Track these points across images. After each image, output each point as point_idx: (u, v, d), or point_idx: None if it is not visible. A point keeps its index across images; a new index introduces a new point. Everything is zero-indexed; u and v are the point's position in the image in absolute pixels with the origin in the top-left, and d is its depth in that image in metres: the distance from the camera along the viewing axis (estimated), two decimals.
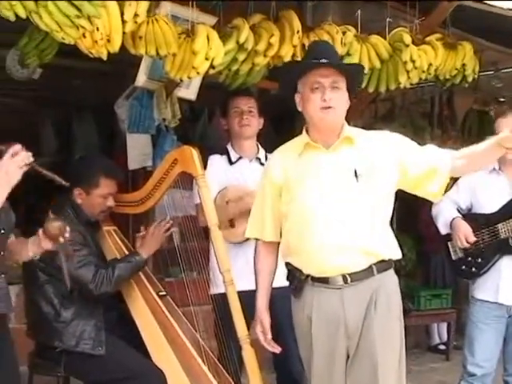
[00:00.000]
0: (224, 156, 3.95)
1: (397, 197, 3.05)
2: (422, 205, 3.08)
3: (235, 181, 3.87)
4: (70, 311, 3.48)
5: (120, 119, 5.11)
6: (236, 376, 3.62)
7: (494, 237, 3.91)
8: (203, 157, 3.59)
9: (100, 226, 3.80)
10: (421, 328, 6.92)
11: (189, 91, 4.80)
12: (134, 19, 3.42)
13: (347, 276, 2.91)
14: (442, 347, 6.81)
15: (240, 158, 3.93)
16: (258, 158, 3.96)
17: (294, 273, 3.02)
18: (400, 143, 3.04)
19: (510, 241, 3.90)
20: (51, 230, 2.90)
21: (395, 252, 3.02)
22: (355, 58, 4.33)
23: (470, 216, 3.98)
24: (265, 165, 3.71)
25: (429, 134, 7.39)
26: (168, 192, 3.65)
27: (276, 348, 3.12)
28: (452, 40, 4.79)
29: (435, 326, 6.94)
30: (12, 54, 4.65)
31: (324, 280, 2.94)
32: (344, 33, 4.34)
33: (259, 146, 4.01)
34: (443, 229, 4.05)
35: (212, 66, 3.75)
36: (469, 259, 3.99)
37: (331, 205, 2.90)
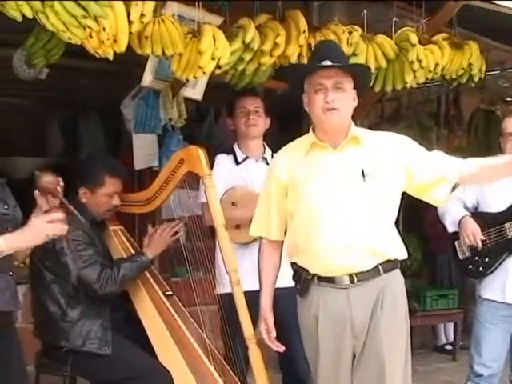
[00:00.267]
0: (230, 156, 3.95)
1: (402, 197, 3.05)
2: (428, 205, 3.07)
3: (241, 181, 3.87)
4: (77, 311, 3.48)
5: (126, 119, 5.12)
6: (242, 376, 3.62)
7: (502, 236, 3.90)
8: (209, 157, 3.59)
9: (106, 226, 3.80)
10: (427, 328, 6.91)
11: (195, 91, 4.80)
12: (141, 19, 3.42)
13: (354, 276, 2.91)
14: (449, 347, 6.79)
15: (246, 158, 3.94)
16: (265, 158, 3.96)
17: (300, 272, 3.02)
18: (409, 148, 3.03)
19: None
20: (45, 185, 2.79)
21: (401, 252, 3.02)
22: (361, 58, 4.33)
23: (478, 215, 3.96)
24: (270, 163, 3.73)
25: (435, 134, 7.39)
26: (174, 192, 3.66)
27: (280, 347, 3.12)
28: (458, 40, 4.78)
29: (442, 326, 6.93)
30: (19, 54, 4.66)
31: (330, 280, 2.94)
32: (350, 33, 4.34)
33: (265, 146, 4.01)
34: (451, 227, 4.03)
35: (218, 66, 3.75)
36: (476, 258, 3.98)
37: (338, 204, 2.89)
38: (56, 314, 3.48)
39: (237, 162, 3.94)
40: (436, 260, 6.86)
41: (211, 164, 3.61)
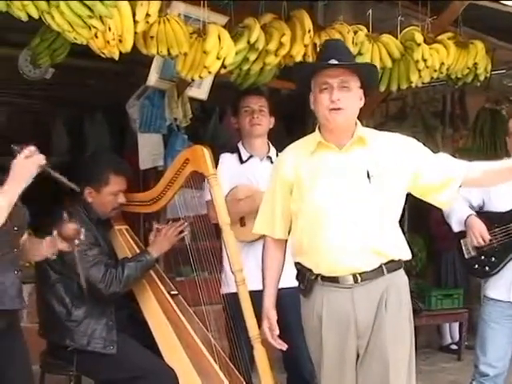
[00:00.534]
0: (235, 154, 3.95)
1: (407, 197, 3.04)
2: (433, 205, 3.07)
3: (246, 179, 3.87)
4: (82, 310, 3.49)
5: (131, 119, 5.12)
6: (247, 375, 3.62)
7: (508, 236, 3.88)
8: (214, 156, 3.59)
9: (111, 225, 3.81)
10: (432, 328, 6.90)
11: (200, 91, 4.81)
12: (146, 19, 3.43)
13: (358, 275, 2.90)
14: (454, 347, 6.79)
15: (251, 157, 3.94)
16: (269, 157, 3.95)
17: (304, 272, 3.01)
18: (415, 150, 3.02)
19: None
20: (66, 232, 2.93)
21: (405, 252, 3.01)
22: (367, 58, 4.33)
23: (484, 214, 3.95)
24: (276, 161, 3.73)
25: (440, 134, 7.39)
26: (179, 191, 3.66)
27: (283, 345, 3.11)
28: (464, 39, 4.77)
29: (447, 326, 6.93)
30: (24, 54, 4.68)
31: (334, 279, 2.93)
32: (355, 32, 4.33)
33: (270, 145, 4.01)
34: (457, 226, 4.02)
35: (223, 66, 3.76)
36: (482, 258, 3.97)
37: (343, 205, 2.89)
38: (61, 314, 3.48)
39: (241, 161, 3.93)
40: (441, 260, 6.85)
41: (216, 163, 3.61)
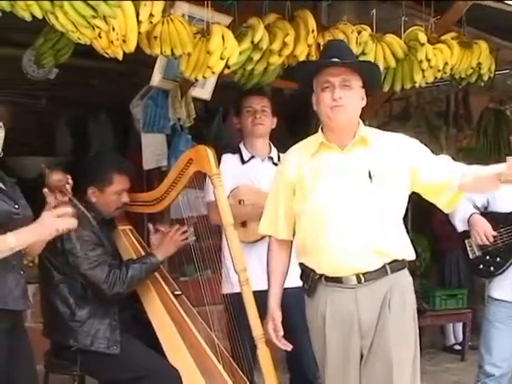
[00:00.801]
0: (236, 155, 3.95)
1: (411, 197, 3.04)
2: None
3: (247, 180, 3.87)
4: (85, 310, 3.49)
5: (135, 119, 5.12)
6: (250, 375, 3.62)
7: None
8: (218, 156, 3.59)
9: (115, 225, 3.81)
10: (436, 328, 6.90)
11: (203, 91, 4.81)
12: (150, 19, 3.43)
13: (361, 276, 2.91)
14: (458, 347, 6.78)
15: (252, 157, 3.93)
16: (271, 158, 3.95)
17: (308, 272, 3.02)
18: (417, 149, 3.01)
19: None
20: (54, 182, 2.84)
21: (409, 252, 3.01)
22: (370, 57, 4.32)
23: (488, 215, 3.94)
24: (280, 162, 3.75)
25: (444, 134, 7.38)
26: (183, 192, 3.66)
27: (287, 346, 3.11)
28: (467, 39, 4.76)
29: (451, 326, 6.92)
30: (28, 54, 4.69)
31: (338, 280, 2.94)
32: (359, 32, 4.33)
33: (271, 146, 4.01)
34: (460, 225, 4.01)
35: (227, 66, 3.75)
36: (487, 258, 3.96)
37: (344, 205, 2.89)
38: (65, 314, 3.48)
39: (243, 161, 3.93)
40: (445, 260, 6.85)
41: (218, 164, 3.61)
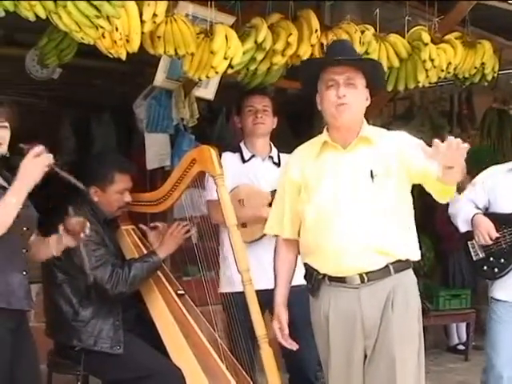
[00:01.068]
0: (237, 154, 3.94)
1: (413, 196, 3.03)
2: (440, 204, 3.04)
3: (247, 179, 3.87)
4: (89, 310, 3.49)
5: (138, 119, 5.13)
6: (252, 374, 3.62)
7: None
8: (221, 156, 3.59)
9: (118, 225, 3.81)
10: (440, 328, 6.89)
11: (207, 91, 4.81)
12: (153, 19, 3.43)
13: (364, 275, 2.90)
14: (461, 347, 6.77)
15: (253, 157, 3.93)
16: (271, 157, 3.95)
17: (312, 272, 3.02)
18: (407, 143, 2.94)
19: None
20: (72, 226, 2.93)
21: (413, 252, 3.00)
22: (374, 57, 4.31)
23: (491, 215, 3.92)
24: (285, 162, 3.74)
25: (448, 133, 7.36)
26: (186, 191, 3.66)
27: (293, 345, 3.12)
28: (471, 39, 4.76)
29: (454, 327, 6.91)
30: (31, 54, 4.69)
31: (341, 280, 2.94)
32: (362, 32, 4.33)
33: (272, 145, 4.01)
34: (463, 226, 3.98)
35: (230, 66, 3.76)
36: (491, 259, 3.93)
37: (346, 205, 2.90)
38: (68, 314, 3.49)
39: (243, 161, 3.93)
40: (448, 260, 6.83)
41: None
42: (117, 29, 3.29)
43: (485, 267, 3.97)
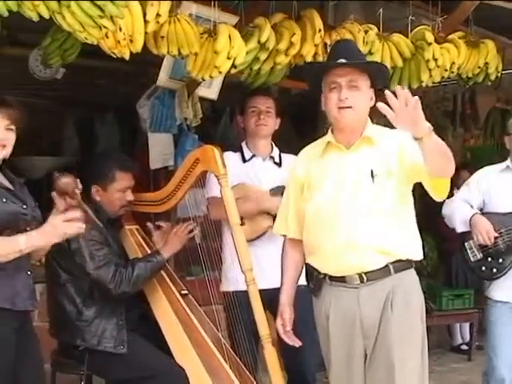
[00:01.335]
0: (237, 153, 3.94)
1: (415, 197, 3.02)
2: (443, 203, 3.03)
3: (248, 179, 3.87)
4: (92, 310, 3.49)
5: (142, 119, 5.13)
6: (256, 375, 3.62)
7: None
8: None
9: (122, 225, 3.81)
10: (443, 328, 6.88)
11: (210, 90, 4.81)
12: (156, 19, 3.43)
13: (363, 275, 2.90)
14: (465, 347, 6.77)
15: (253, 156, 3.93)
16: (272, 157, 3.94)
17: (313, 272, 3.03)
18: (409, 140, 2.82)
19: None
20: (63, 186, 2.82)
21: (415, 252, 2.99)
22: (377, 57, 4.32)
23: (487, 215, 3.89)
24: (289, 163, 3.76)
25: (451, 133, 7.37)
26: (190, 191, 3.66)
27: (296, 341, 3.12)
28: (475, 38, 4.76)
29: (457, 327, 6.90)
30: (35, 54, 4.70)
31: (341, 279, 2.94)
32: (366, 31, 4.33)
33: (273, 145, 4.00)
34: (461, 226, 3.94)
35: (234, 66, 3.76)
36: (489, 260, 3.91)
37: (347, 205, 2.90)
38: (72, 313, 3.48)
39: (244, 160, 3.93)
40: (452, 260, 6.82)
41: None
42: (120, 29, 3.30)
43: (483, 268, 3.94)
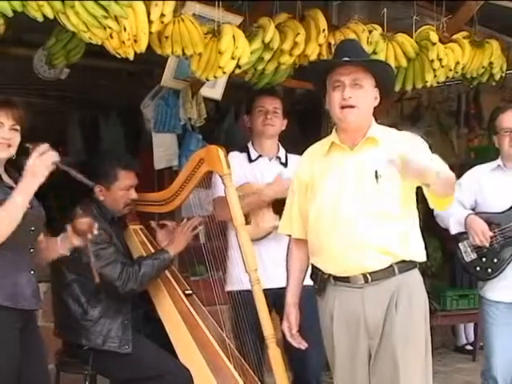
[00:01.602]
0: (244, 153, 3.95)
1: (419, 197, 3.01)
2: None
3: (253, 178, 3.87)
4: (97, 309, 3.49)
5: (146, 119, 5.13)
6: (260, 374, 3.62)
7: (508, 236, 3.80)
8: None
9: (126, 224, 3.82)
10: (447, 328, 6.87)
11: (214, 91, 4.81)
12: (161, 19, 3.43)
13: (368, 275, 2.90)
14: (469, 347, 6.76)
15: (260, 157, 3.93)
16: (278, 157, 3.95)
17: (317, 272, 3.02)
18: (414, 148, 2.87)
19: None
20: (80, 226, 2.94)
21: (418, 254, 2.99)
22: (381, 57, 4.31)
23: (481, 215, 3.86)
24: (287, 162, 3.84)
25: (455, 133, 7.35)
26: (194, 191, 3.66)
27: (302, 343, 3.11)
28: (479, 38, 4.75)
29: (462, 327, 6.89)
30: (39, 55, 4.70)
31: (346, 279, 2.94)
32: (370, 31, 4.32)
33: (279, 146, 4.01)
34: (456, 227, 3.91)
35: (238, 66, 3.75)
36: (483, 260, 3.87)
37: (350, 205, 2.89)
38: (77, 313, 3.49)
39: (250, 160, 3.93)
40: (456, 260, 6.79)
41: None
42: (125, 29, 3.29)
43: (478, 268, 3.91)
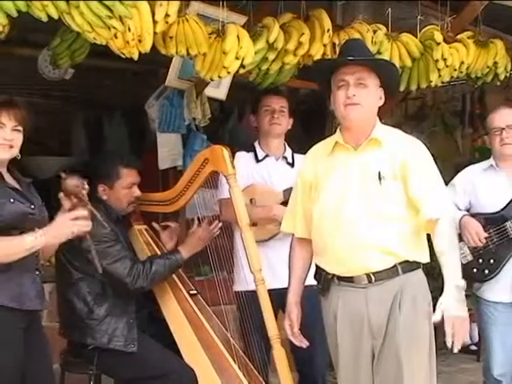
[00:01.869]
0: (251, 153, 3.96)
1: None
2: None
3: (260, 178, 3.88)
4: (103, 308, 3.49)
5: (150, 119, 5.14)
6: (265, 374, 3.62)
7: (504, 236, 3.79)
8: (233, 156, 3.60)
9: (131, 225, 3.82)
10: None
11: (219, 91, 4.81)
12: (165, 19, 3.43)
13: (371, 275, 2.90)
14: (473, 348, 6.74)
15: (266, 156, 3.94)
16: (285, 157, 3.96)
17: (321, 272, 3.03)
18: (415, 162, 2.92)
19: None
20: (70, 187, 2.85)
21: (422, 254, 3.00)
22: (386, 57, 4.31)
23: (475, 216, 3.84)
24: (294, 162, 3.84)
25: (460, 133, 7.34)
26: (198, 191, 3.66)
27: (303, 342, 3.12)
28: (483, 38, 4.75)
29: None
30: (44, 55, 4.70)
31: (349, 279, 2.94)
32: (374, 31, 4.33)
33: (286, 145, 4.01)
34: None
35: (242, 66, 3.76)
36: (480, 261, 3.85)
37: (353, 206, 2.90)
38: (82, 312, 3.48)
39: (257, 160, 3.94)
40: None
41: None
42: (129, 29, 3.30)
43: (474, 269, 3.88)
